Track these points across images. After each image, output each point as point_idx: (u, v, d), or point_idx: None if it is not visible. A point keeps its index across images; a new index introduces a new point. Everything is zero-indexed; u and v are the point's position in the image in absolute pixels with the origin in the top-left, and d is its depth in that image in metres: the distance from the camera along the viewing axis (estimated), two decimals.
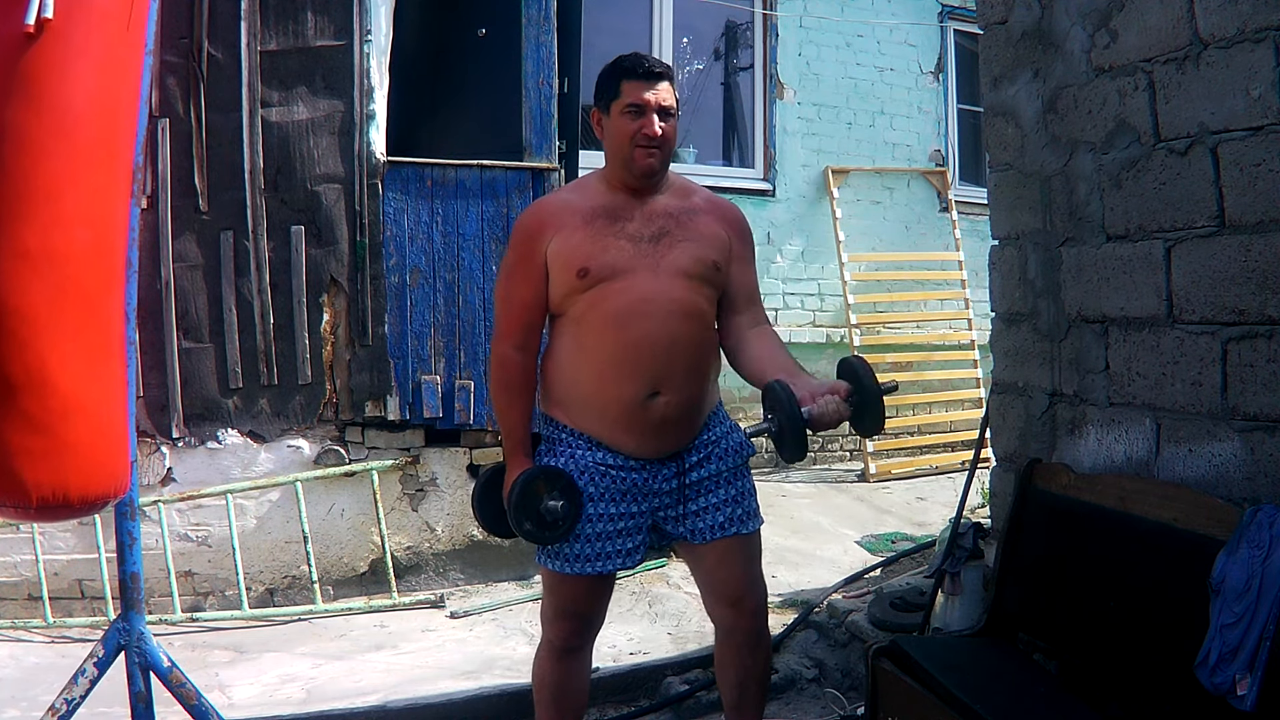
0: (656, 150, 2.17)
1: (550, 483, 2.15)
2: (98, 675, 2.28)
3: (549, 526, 2.15)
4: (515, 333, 2.24)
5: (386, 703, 3.17)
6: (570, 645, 2.31)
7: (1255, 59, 2.12)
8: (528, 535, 2.17)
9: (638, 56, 2.20)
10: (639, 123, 2.15)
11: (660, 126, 2.16)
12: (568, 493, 2.15)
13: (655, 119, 2.15)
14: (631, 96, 2.15)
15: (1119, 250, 2.52)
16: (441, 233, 4.42)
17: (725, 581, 2.28)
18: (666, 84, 2.18)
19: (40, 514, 1.82)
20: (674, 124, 2.21)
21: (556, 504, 2.13)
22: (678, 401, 2.17)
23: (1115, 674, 2.21)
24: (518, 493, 2.14)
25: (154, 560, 3.87)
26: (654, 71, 2.17)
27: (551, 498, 2.13)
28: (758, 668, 2.35)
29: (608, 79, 2.21)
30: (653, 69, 2.17)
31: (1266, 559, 1.85)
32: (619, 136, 2.17)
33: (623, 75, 2.17)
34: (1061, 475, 2.56)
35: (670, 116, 2.19)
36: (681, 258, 2.18)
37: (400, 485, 4.43)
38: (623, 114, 2.16)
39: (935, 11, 6.97)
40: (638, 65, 2.17)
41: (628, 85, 2.16)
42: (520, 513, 2.14)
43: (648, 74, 2.16)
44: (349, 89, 4.34)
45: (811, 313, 6.58)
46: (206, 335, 4.24)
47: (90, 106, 1.84)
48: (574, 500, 2.16)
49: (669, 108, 2.18)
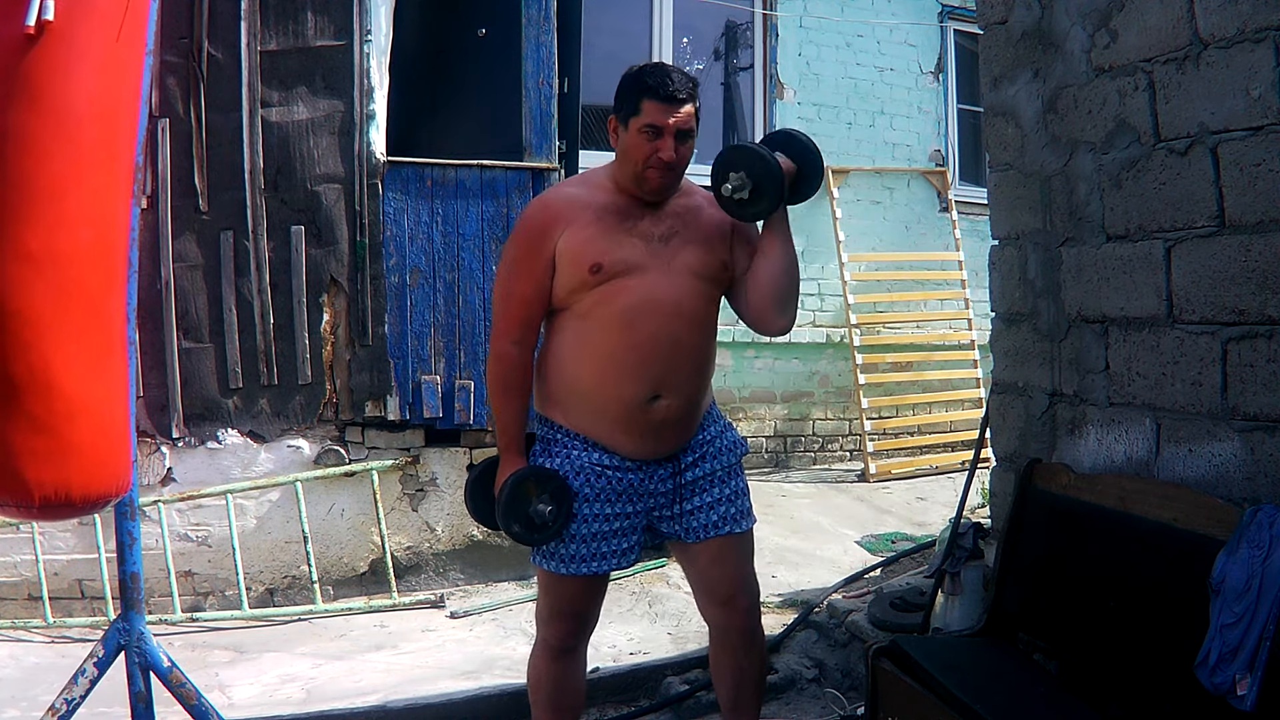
0: (670, 174, 2.15)
1: (541, 485, 2.14)
2: (98, 675, 2.28)
3: (537, 529, 2.15)
4: (514, 329, 2.21)
5: (386, 703, 3.17)
6: (566, 645, 2.31)
7: (1255, 59, 2.12)
8: (516, 537, 2.16)
9: (663, 74, 2.12)
10: (655, 145, 2.11)
11: (676, 151, 2.13)
12: (558, 496, 2.14)
13: (672, 143, 2.12)
14: (651, 118, 2.10)
15: (1119, 250, 2.52)
16: (441, 233, 4.42)
17: (718, 580, 2.28)
18: (689, 106, 2.13)
19: (42, 513, 1.83)
20: (691, 144, 2.18)
21: (545, 508, 2.13)
22: (678, 405, 2.17)
23: (1115, 674, 2.22)
24: (507, 494, 2.13)
25: (154, 560, 3.87)
26: (677, 96, 2.11)
27: (541, 501, 2.13)
28: (753, 667, 2.35)
29: (630, 92, 2.14)
30: (676, 92, 2.10)
31: (1266, 559, 1.85)
32: (633, 153, 2.14)
33: (645, 93, 2.10)
34: (1061, 475, 2.56)
35: (689, 138, 2.16)
36: (691, 258, 2.18)
37: (400, 485, 4.43)
38: (640, 132, 2.12)
39: (935, 11, 6.97)
40: (661, 86, 2.09)
41: (649, 105, 2.10)
42: (509, 515, 2.14)
43: (670, 98, 2.10)
44: (349, 89, 4.35)
45: (811, 313, 6.58)
46: (206, 335, 4.24)
47: (91, 107, 1.84)
48: (563, 504, 2.15)
49: (688, 130, 2.14)
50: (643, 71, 2.16)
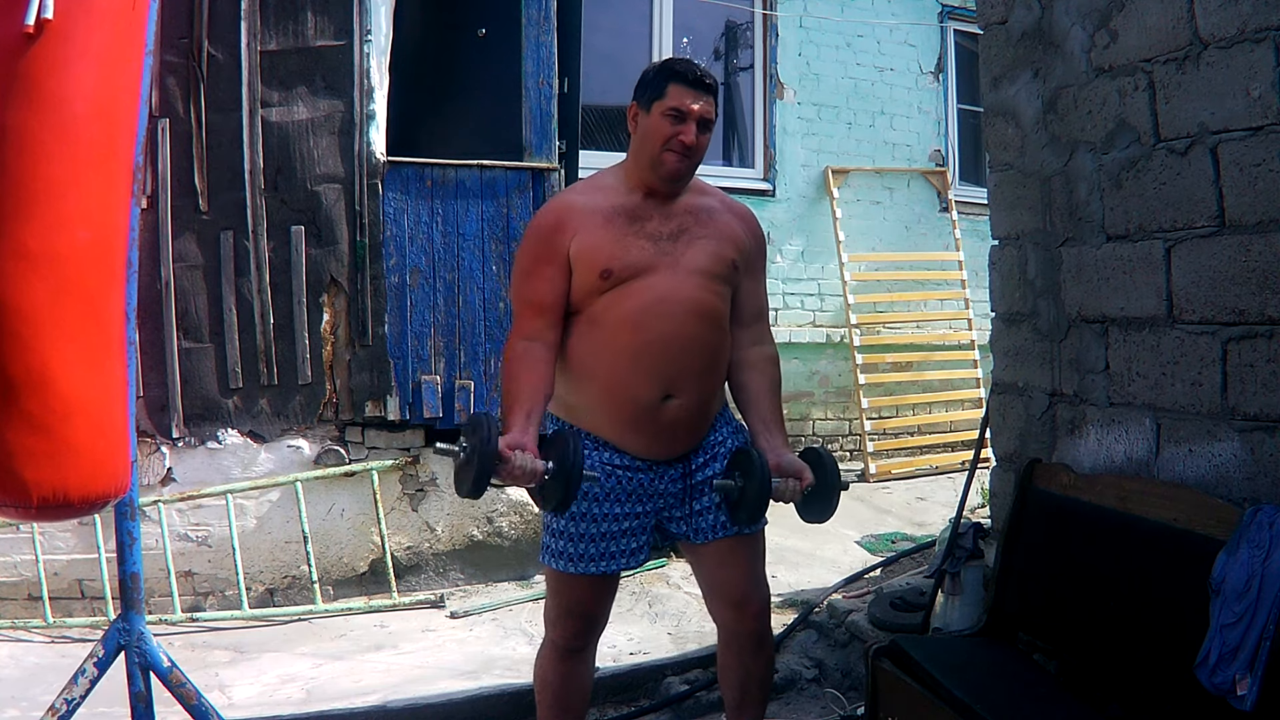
0: (687, 158, 2.16)
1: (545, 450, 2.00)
2: (98, 675, 2.28)
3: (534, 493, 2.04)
4: (527, 331, 2.17)
5: (386, 703, 3.17)
6: (574, 646, 2.30)
7: (1255, 59, 2.12)
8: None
9: (690, 63, 2.19)
10: (677, 129, 2.13)
11: (696, 138, 2.15)
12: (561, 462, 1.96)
13: (693, 128, 2.14)
14: (676, 101, 2.14)
15: (1119, 250, 2.52)
16: (441, 233, 4.42)
17: (728, 582, 2.28)
18: (711, 98, 2.18)
19: (41, 514, 1.82)
20: (708, 138, 2.20)
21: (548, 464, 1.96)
22: (690, 405, 2.17)
23: (1115, 674, 2.21)
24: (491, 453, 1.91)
25: (154, 560, 3.87)
26: (704, 82, 2.16)
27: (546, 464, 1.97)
28: (760, 669, 2.34)
29: (656, 77, 2.18)
30: (703, 79, 2.16)
31: (1266, 559, 1.85)
32: (653, 136, 2.15)
33: (672, 77, 2.15)
34: (1061, 475, 2.56)
35: (708, 129, 2.18)
36: (700, 256, 2.18)
37: (400, 485, 4.43)
38: (664, 115, 2.14)
39: (935, 11, 6.97)
40: (690, 72, 2.15)
41: (675, 89, 2.14)
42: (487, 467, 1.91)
43: (697, 83, 2.15)
44: (349, 89, 4.35)
45: (811, 313, 6.58)
46: (206, 335, 4.24)
47: (90, 107, 1.83)
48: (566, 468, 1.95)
49: (709, 121, 2.18)
50: (670, 60, 2.22)
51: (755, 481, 2.06)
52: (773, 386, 2.29)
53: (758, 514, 2.12)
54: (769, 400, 2.26)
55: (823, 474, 2.16)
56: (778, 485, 2.11)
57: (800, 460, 2.18)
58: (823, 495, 2.16)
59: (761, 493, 2.07)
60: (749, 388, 2.28)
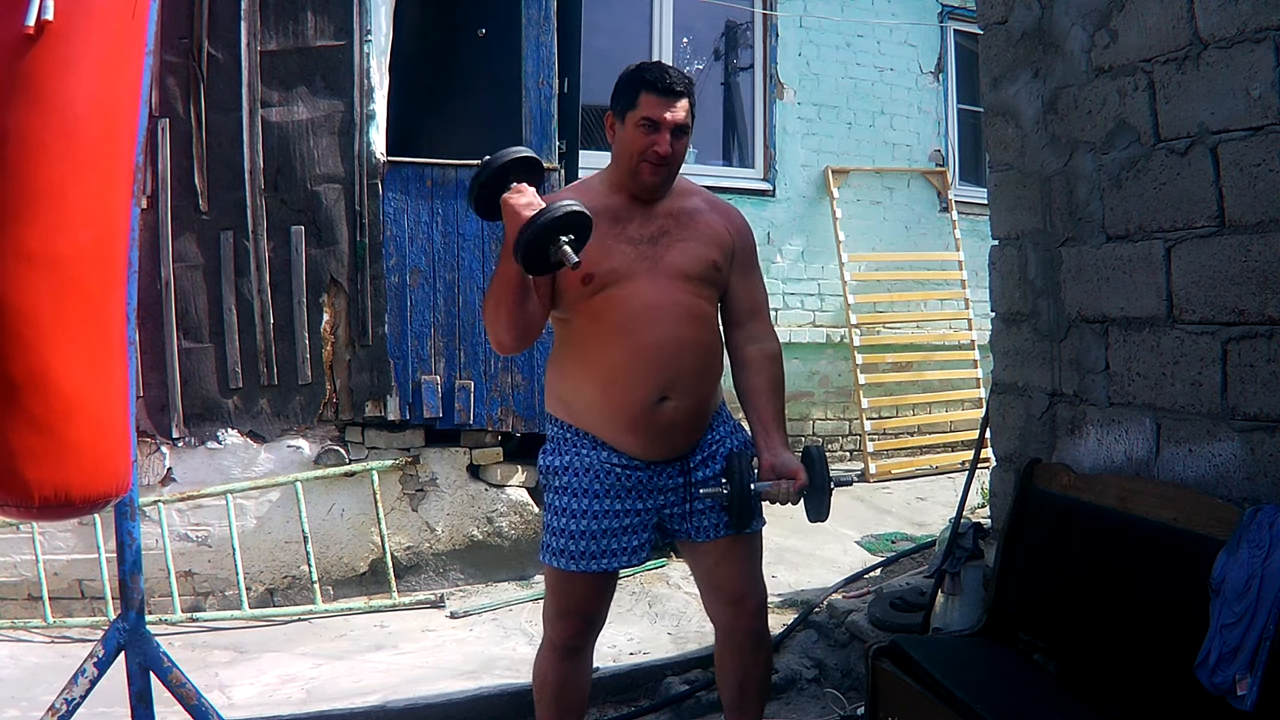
0: (664, 168, 2.16)
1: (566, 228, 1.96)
2: (98, 675, 2.28)
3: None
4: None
5: (386, 703, 3.17)
6: (572, 645, 2.30)
7: (1255, 59, 2.12)
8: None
9: (660, 69, 2.15)
10: (651, 139, 2.12)
11: (672, 146, 2.14)
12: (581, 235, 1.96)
13: (668, 137, 2.13)
14: (648, 111, 2.12)
15: (1119, 250, 2.52)
16: (441, 233, 4.42)
17: (726, 581, 2.28)
18: (685, 101, 2.15)
19: (42, 513, 1.83)
20: (686, 141, 2.19)
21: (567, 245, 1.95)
22: (686, 406, 2.17)
23: (1115, 674, 2.21)
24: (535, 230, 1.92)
25: (154, 560, 3.88)
26: (674, 89, 2.12)
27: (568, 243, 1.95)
28: (758, 668, 2.35)
29: (627, 87, 2.16)
30: (674, 85, 2.12)
31: (1267, 559, 1.85)
32: (629, 147, 2.15)
33: (643, 87, 2.13)
34: (1061, 475, 2.56)
35: (684, 134, 2.17)
36: (680, 258, 2.18)
37: (400, 485, 4.43)
38: (637, 126, 2.13)
39: (935, 11, 6.97)
40: (660, 80, 2.12)
41: (646, 99, 2.12)
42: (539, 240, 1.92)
43: (668, 90, 2.12)
44: (349, 89, 4.35)
45: (811, 313, 6.58)
46: (206, 335, 4.24)
47: (91, 107, 1.84)
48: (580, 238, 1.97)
49: (684, 125, 2.15)
50: (640, 67, 2.18)
51: (735, 488, 2.11)
52: (771, 385, 2.29)
53: (744, 518, 2.14)
54: (767, 400, 2.27)
55: (812, 474, 2.17)
56: (771, 487, 2.14)
57: (796, 460, 2.19)
58: (814, 495, 2.18)
59: (742, 498, 2.10)
60: (748, 388, 2.29)
